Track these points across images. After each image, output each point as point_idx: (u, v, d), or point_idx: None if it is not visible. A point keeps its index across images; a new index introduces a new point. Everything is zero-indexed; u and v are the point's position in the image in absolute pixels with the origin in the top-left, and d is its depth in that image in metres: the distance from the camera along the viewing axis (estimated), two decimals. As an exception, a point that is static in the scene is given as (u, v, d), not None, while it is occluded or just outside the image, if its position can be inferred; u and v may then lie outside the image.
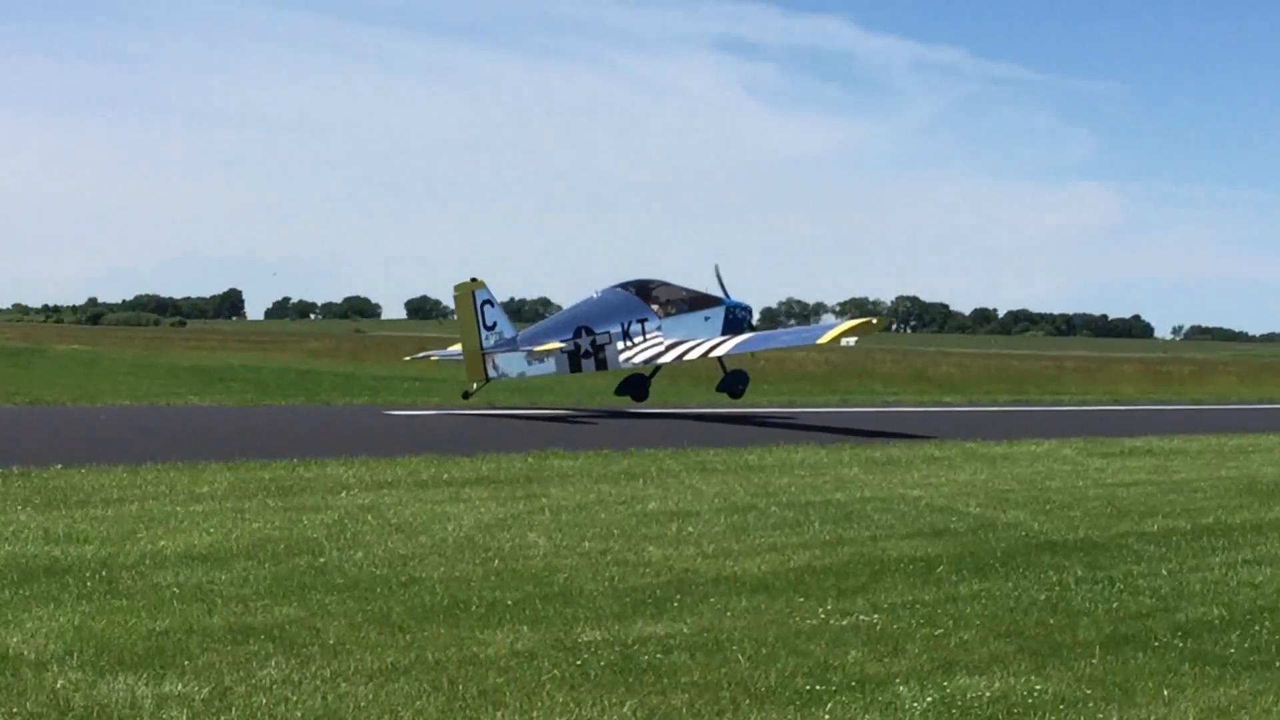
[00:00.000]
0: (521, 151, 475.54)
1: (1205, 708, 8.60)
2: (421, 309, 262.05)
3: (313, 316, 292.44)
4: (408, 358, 44.75)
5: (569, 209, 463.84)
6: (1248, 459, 24.77)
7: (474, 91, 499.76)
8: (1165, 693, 8.82)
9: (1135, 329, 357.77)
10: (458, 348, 33.30)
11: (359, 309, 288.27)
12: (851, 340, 30.58)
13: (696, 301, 34.74)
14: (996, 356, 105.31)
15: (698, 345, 32.77)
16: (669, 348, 32.92)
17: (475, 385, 31.91)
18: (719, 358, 33.12)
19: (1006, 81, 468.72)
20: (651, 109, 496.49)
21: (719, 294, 35.13)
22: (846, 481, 19.37)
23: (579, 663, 9.06)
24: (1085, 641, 10.12)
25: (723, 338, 33.50)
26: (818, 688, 8.72)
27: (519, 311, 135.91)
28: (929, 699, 8.56)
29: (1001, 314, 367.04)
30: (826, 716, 8.18)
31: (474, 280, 31.19)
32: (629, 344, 33.01)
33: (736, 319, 35.05)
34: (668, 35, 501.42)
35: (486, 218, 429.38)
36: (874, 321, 36.90)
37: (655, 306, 33.97)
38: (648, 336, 33.26)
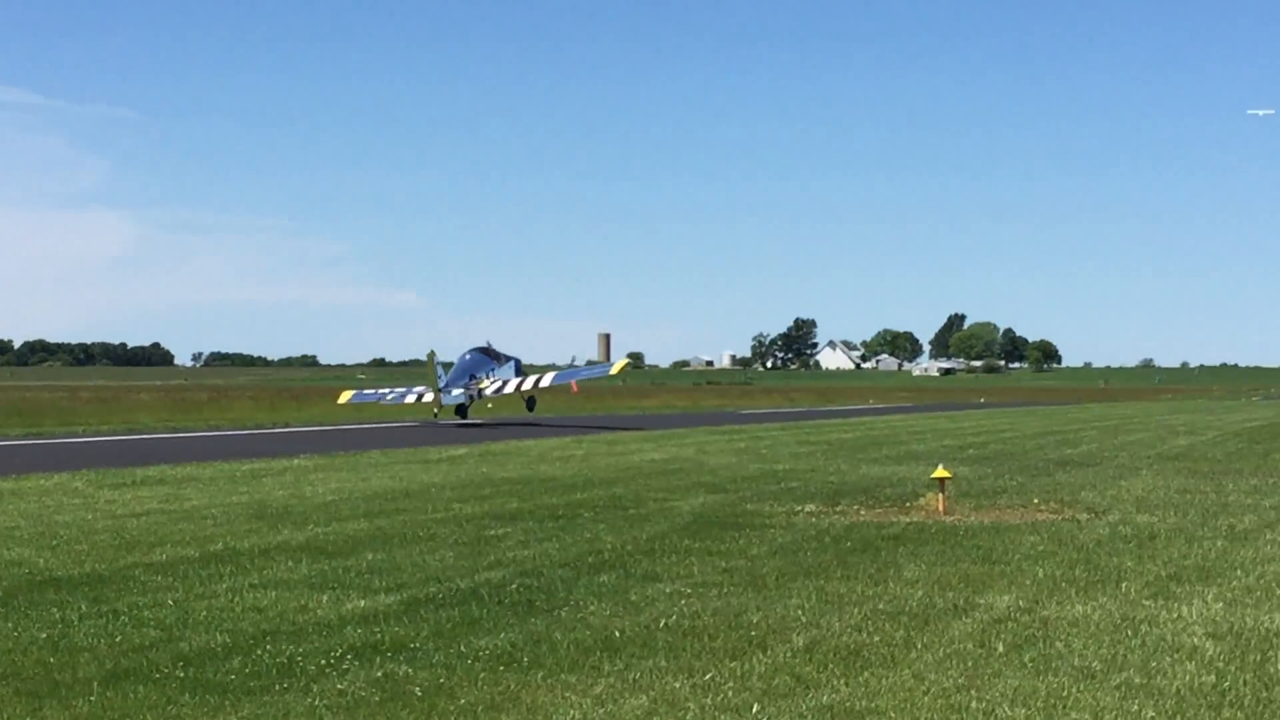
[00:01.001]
0: None
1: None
2: None
3: None
4: (342, 400, 63.82)
5: None
6: (259, 483, 25.21)
7: None
8: (163, 726, 8.63)
9: (155, 357, 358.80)
10: (386, 390, 62.34)
11: None
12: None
13: (506, 358, 59.85)
14: (11, 388, 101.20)
15: (525, 380, 58.09)
16: (505, 383, 57.81)
17: (437, 410, 55.92)
18: (527, 388, 57.76)
19: (13, 106, 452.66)
20: None
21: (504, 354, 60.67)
22: None
23: None
24: (85, 678, 9.77)
25: (538, 375, 59.84)
26: None
27: None
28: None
29: (18, 345, 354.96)
30: None
31: (433, 351, 55.35)
32: (489, 382, 57.65)
33: (519, 367, 60.84)
34: None
35: None
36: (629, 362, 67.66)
37: (494, 361, 59.11)
38: (496, 378, 58.11)
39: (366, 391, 64.76)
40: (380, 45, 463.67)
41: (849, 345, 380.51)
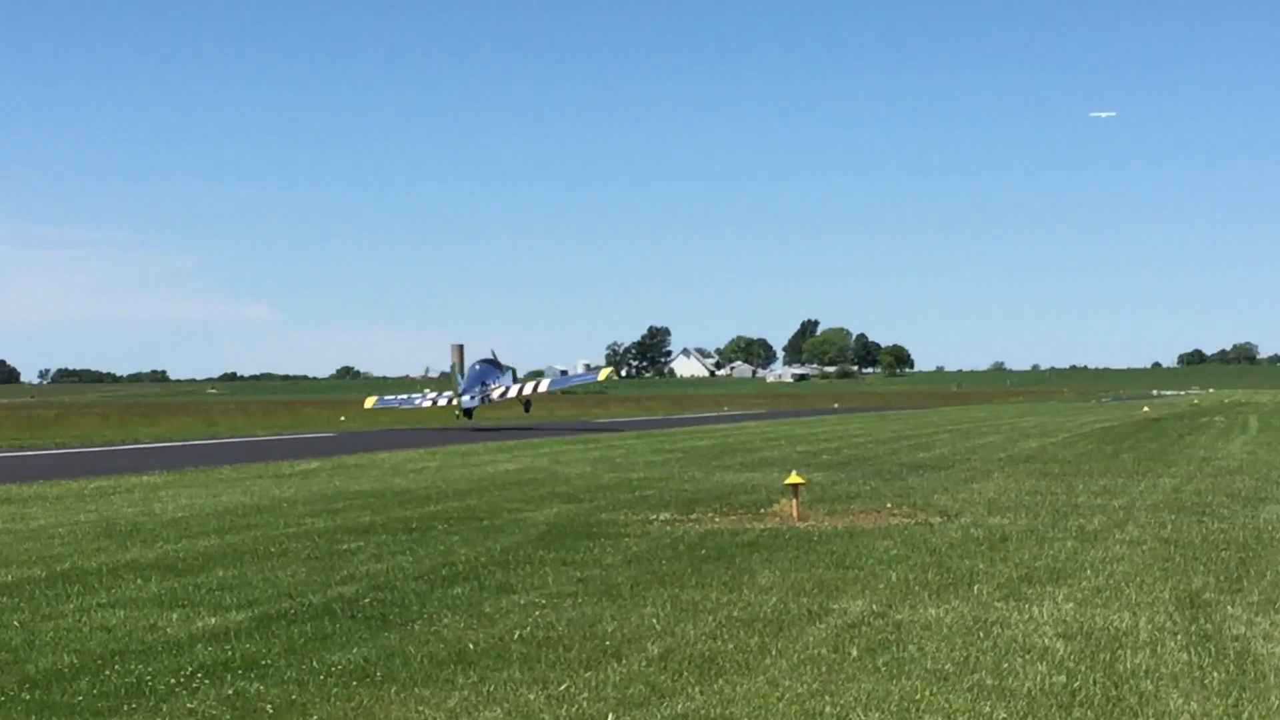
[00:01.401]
0: None
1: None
2: None
3: None
4: (368, 405, 74.36)
5: None
6: (108, 501, 24.74)
7: None
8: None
9: (1, 374, 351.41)
10: (404, 395, 75.04)
11: None
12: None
13: (506, 367, 70.62)
14: None
15: (524, 386, 69.53)
16: (508, 389, 68.49)
17: (459, 413, 66.38)
18: (526, 393, 68.93)
19: None
20: None
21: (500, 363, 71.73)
22: None
23: None
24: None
25: (535, 381, 72.74)
26: None
27: None
28: None
29: None
30: None
31: (455, 364, 68.37)
32: (495, 388, 68.29)
33: (515, 376, 71.66)
34: None
35: None
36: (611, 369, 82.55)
37: (498, 370, 69.73)
38: (500, 385, 68.53)
39: (388, 397, 75.86)
40: (221, 54, 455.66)
41: (703, 353, 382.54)
